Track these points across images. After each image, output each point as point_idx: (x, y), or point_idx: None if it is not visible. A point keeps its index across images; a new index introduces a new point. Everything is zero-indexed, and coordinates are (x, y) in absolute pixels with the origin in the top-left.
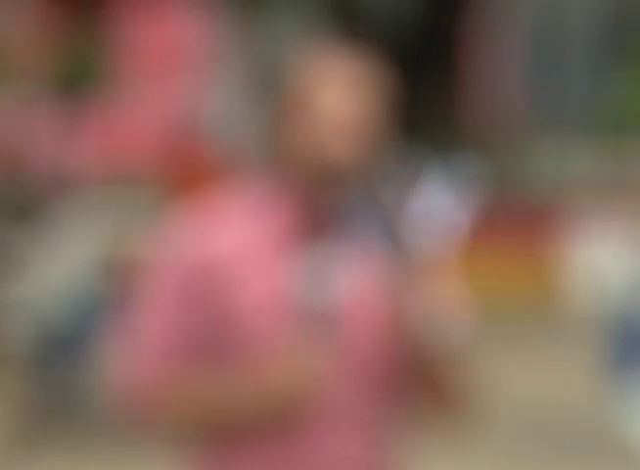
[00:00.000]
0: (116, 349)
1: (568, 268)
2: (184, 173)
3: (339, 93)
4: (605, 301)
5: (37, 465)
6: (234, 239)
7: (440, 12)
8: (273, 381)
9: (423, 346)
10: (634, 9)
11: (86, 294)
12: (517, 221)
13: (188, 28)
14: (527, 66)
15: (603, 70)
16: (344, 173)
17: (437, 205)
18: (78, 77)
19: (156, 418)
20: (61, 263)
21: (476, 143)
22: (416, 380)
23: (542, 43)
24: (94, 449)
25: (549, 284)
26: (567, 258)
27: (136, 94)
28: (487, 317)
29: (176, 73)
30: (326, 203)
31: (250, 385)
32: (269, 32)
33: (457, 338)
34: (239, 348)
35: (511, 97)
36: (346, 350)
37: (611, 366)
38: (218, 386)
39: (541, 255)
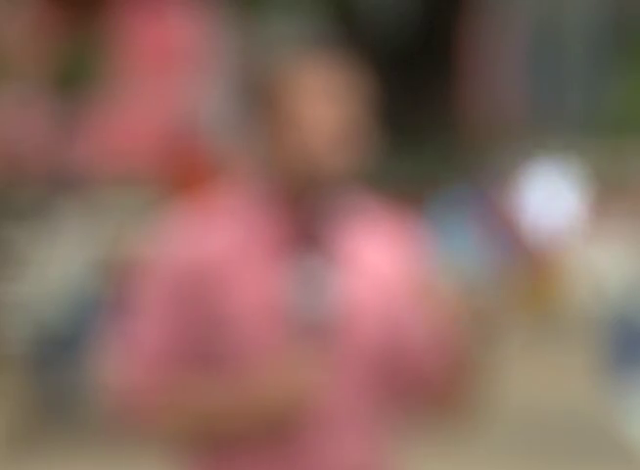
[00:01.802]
0: (112, 351)
1: (568, 268)
2: (182, 173)
3: (325, 99)
4: (604, 301)
5: (37, 465)
6: (228, 241)
7: (440, 12)
8: (268, 389)
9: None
10: (634, 10)
11: (85, 294)
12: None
13: (185, 29)
14: (527, 66)
15: (603, 71)
16: (332, 179)
17: (552, 201)
18: (77, 77)
19: (149, 423)
20: (60, 264)
21: (475, 142)
22: (424, 380)
23: (542, 43)
24: (92, 449)
25: (550, 284)
26: (567, 258)
27: (134, 94)
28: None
29: (174, 73)
30: (316, 209)
31: (244, 393)
32: (267, 32)
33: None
34: (233, 353)
35: (511, 97)
36: (343, 356)
37: (610, 366)
38: (213, 393)
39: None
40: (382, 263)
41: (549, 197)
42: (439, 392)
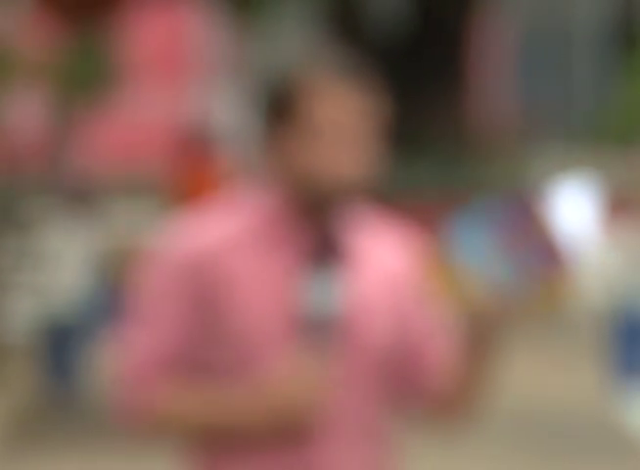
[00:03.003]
0: (115, 351)
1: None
2: (189, 176)
3: (344, 110)
4: (609, 299)
5: (38, 459)
6: (234, 244)
7: (441, 17)
8: (278, 394)
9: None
10: (637, 13)
11: (89, 290)
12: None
13: (192, 32)
14: (530, 71)
15: (606, 76)
16: (350, 190)
17: (573, 212)
18: (82, 79)
19: (150, 424)
20: (64, 260)
21: (478, 147)
22: (430, 383)
23: (545, 48)
24: (95, 444)
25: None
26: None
27: (141, 96)
28: None
29: (180, 75)
30: (328, 217)
31: (251, 398)
32: (269, 33)
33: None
34: (241, 357)
35: (513, 102)
36: (353, 361)
37: (615, 364)
38: (217, 398)
39: None
40: (391, 271)
41: (571, 208)
42: (445, 393)
